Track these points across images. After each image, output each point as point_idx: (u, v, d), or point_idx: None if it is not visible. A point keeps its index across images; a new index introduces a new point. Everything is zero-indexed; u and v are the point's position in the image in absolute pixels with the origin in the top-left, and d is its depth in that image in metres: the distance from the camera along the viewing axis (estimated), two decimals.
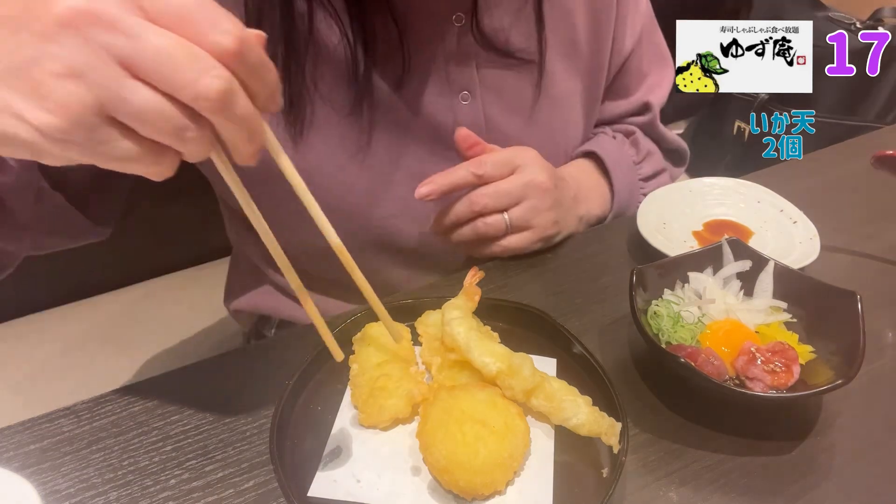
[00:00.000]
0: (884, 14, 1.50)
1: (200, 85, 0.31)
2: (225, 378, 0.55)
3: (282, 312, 0.85)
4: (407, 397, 0.48)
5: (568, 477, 0.46)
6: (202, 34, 0.31)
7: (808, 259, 0.63)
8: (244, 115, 0.34)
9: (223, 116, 0.33)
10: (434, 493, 0.44)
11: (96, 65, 0.31)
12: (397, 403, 0.48)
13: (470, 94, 0.69)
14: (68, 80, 0.31)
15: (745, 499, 0.46)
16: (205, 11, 0.32)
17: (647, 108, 0.85)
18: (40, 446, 0.49)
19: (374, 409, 0.48)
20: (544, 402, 0.47)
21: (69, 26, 0.30)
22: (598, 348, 0.57)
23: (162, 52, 0.31)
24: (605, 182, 0.80)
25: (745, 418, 0.51)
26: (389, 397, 0.48)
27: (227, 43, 0.32)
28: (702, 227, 0.73)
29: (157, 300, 1.44)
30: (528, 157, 0.66)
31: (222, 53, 0.32)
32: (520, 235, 0.66)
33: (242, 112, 0.34)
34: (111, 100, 0.31)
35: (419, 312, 0.56)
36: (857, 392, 0.53)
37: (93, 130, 0.32)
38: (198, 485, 0.46)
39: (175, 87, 0.31)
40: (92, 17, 0.30)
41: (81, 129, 0.32)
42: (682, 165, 0.92)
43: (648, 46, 0.83)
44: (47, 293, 1.40)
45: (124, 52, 0.31)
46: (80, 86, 0.31)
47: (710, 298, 0.57)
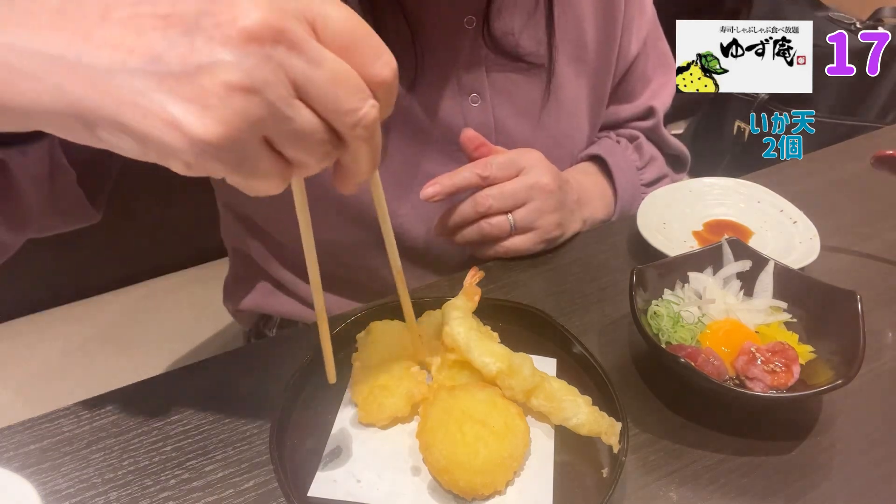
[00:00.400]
0: (884, 14, 1.50)
1: (361, 113, 0.32)
2: (225, 378, 0.55)
3: (282, 310, 0.85)
4: (406, 396, 0.48)
5: (568, 477, 0.46)
6: (368, 63, 0.32)
7: (808, 259, 0.63)
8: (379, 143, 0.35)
9: (367, 142, 0.34)
10: (434, 493, 0.44)
11: (273, 83, 0.30)
12: (397, 402, 0.48)
13: (479, 96, 0.69)
14: (240, 94, 0.29)
15: (745, 499, 0.46)
16: (371, 40, 0.33)
17: (651, 112, 0.85)
18: (40, 446, 0.49)
19: (373, 407, 0.48)
20: (544, 402, 0.47)
21: (255, 40, 0.29)
22: (598, 348, 0.57)
23: (336, 79, 0.31)
24: (609, 186, 0.80)
25: (745, 418, 0.51)
26: (390, 396, 0.48)
27: (386, 74, 0.33)
28: (702, 227, 0.73)
29: (157, 300, 1.44)
30: (533, 159, 0.66)
31: (381, 83, 0.33)
32: (524, 237, 0.67)
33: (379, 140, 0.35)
34: (275, 119, 0.31)
35: (419, 312, 0.56)
36: (857, 392, 0.53)
37: (244, 147, 0.31)
38: (198, 485, 0.46)
39: (339, 113, 0.32)
40: (279, 35, 0.30)
41: (236, 144, 0.30)
42: (682, 171, 0.92)
43: (653, 51, 0.83)
44: (47, 293, 1.40)
45: (301, 75, 0.31)
46: (251, 101, 0.30)
47: (710, 298, 0.57)
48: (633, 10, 0.78)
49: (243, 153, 0.31)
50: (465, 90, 0.69)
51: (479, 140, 0.65)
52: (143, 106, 0.30)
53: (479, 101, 0.70)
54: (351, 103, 0.32)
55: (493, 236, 0.66)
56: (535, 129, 0.74)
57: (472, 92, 0.69)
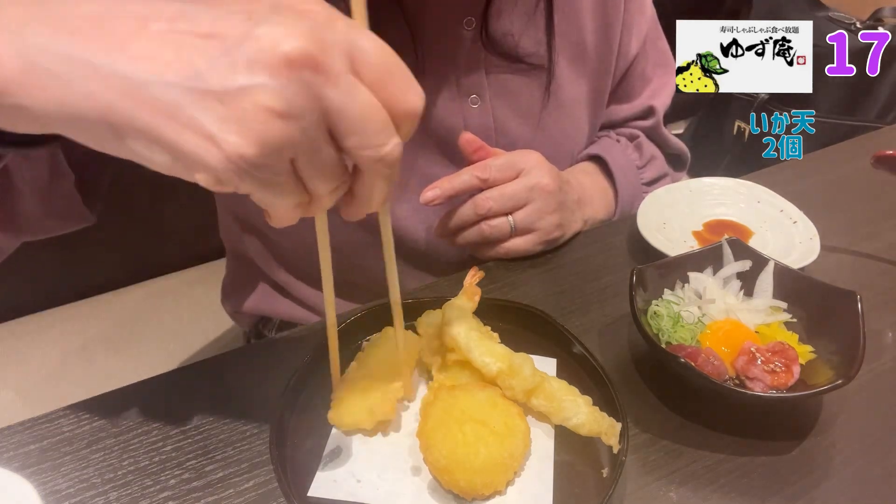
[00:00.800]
0: (884, 14, 1.50)
1: (385, 150, 0.33)
2: (225, 378, 0.55)
3: (281, 312, 0.85)
4: (368, 411, 0.47)
5: (568, 477, 0.46)
6: (399, 95, 0.33)
7: (808, 259, 0.63)
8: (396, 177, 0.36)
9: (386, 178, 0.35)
10: (434, 493, 0.44)
11: (309, 110, 0.31)
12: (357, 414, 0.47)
13: (479, 98, 0.69)
14: (277, 118, 0.30)
15: (745, 499, 0.46)
16: (403, 72, 0.33)
17: (651, 112, 0.85)
18: (40, 446, 0.49)
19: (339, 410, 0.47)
20: (544, 402, 0.47)
21: (295, 68, 0.30)
22: (598, 348, 0.57)
23: (365, 114, 0.32)
24: (610, 185, 0.80)
25: (745, 418, 0.51)
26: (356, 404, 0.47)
27: (416, 106, 0.33)
28: (702, 227, 0.73)
29: (157, 300, 1.44)
30: (533, 161, 0.66)
31: (408, 114, 0.33)
32: (524, 238, 0.67)
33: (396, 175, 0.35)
34: (306, 146, 0.32)
35: (419, 312, 0.56)
36: (857, 392, 0.53)
37: (275, 169, 0.32)
38: (198, 485, 0.46)
39: (363, 147, 0.33)
40: (317, 65, 0.30)
41: (268, 166, 0.31)
42: (682, 170, 0.92)
43: (653, 51, 0.83)
44: (47, 294, 1.40)
45: (333, 106, 0.31)
46: (288, 126, 0.30)
47: (710, 298, 0.57)
48: (634, 9, 0.78)
49: (273, 175, 0.32)
50: (465, 92, 0.69)
51: (477, 143, 0.65)
52: (180, 120, 0.30)
53: (479, 103, 0.69)
54: (377, 139, 0.33)
55: (493, 238, 0.66)
56: (534, 130, 0.74)
57: (472, 93, 0.69)
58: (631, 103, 0.85)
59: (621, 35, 0.77)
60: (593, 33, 0.74)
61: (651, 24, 0.82)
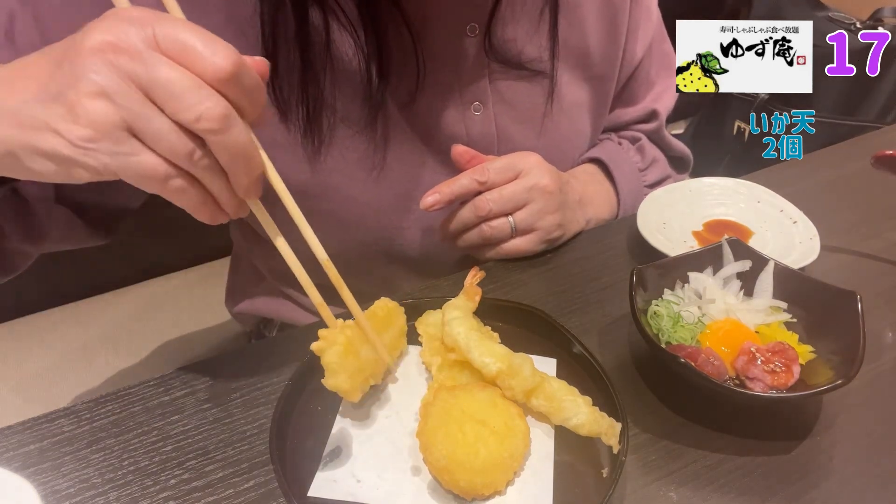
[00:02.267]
0: (884, 14, 1.50)
1: (200, 108, 0.36)
2: (225, 378, 0.55)
3: (283, 316, 0.85)
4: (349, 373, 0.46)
5: (568, 477, 0.46)
6: (203, 59, 0.36)
7: (808, 259, 0.63)
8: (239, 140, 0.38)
9: (221, 138, 0.38)
10: (434, 493, 0.44)
11: (121, 87, 0.36)
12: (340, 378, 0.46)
13: (482, 104, 0.69)
14: (98, 100, 0.36)
15: (745, 499, 0.46)
16: (204, 41, 0.37)
17: (654, 115, 0.85)
18: (40, 446, 0.49)
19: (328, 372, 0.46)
20: (544, 402, 0.47)
21: (98, 54, 0.36)
22: (598, 348, 0.57)
23: (169, 81, 0.36)
24: (611, 187, 0.80)
25: (746, 418, 0.51)
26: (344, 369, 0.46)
27: (221, 65, 0.36)
28: (702, 227, 0.73)
29: (158, 300, 1.44)
30: (532, 162, 0.66)
31: (218, 76, 0.37)
32: (525, 238, 0.67)
33: (238, 137, 0.38)
34: (133, 118, 0.36)
35: (419, 312, 0.56)
36: (857, 392, 0.53)
37: (119, 143, 0.37)
38: (198, 485, 0.46)
39: (178, 111, 0.36)
40: (116, 48, 0.36)
41: (109, 139, 0.37)
42: (685, 172, 0.92)
43: (657, 54, 0.83)
44: (48, 294, 1.40)
45: (142, 80, 0.36)
46: (108, 104, 0.36)
47: (710, 298, 0.57)
48: (640, 14, 0.77)
49: (121, 149, 0.37)
50: (468, 99, 0.68)
51: (469, 154, 0.65)
52: (35, 126, 0.37)
53: (482, 110, 0.69)
54: (188, 100, 0.36)
55: (494, 239, 0.66)
56: (537, 137, 0.73)
57: (475, 100, 0.68)
58: (634, 107, 0.85)
59: (626, 40, 0.77)
60: (597, 38, 0.74)
61: (656, 28, 0.82)
